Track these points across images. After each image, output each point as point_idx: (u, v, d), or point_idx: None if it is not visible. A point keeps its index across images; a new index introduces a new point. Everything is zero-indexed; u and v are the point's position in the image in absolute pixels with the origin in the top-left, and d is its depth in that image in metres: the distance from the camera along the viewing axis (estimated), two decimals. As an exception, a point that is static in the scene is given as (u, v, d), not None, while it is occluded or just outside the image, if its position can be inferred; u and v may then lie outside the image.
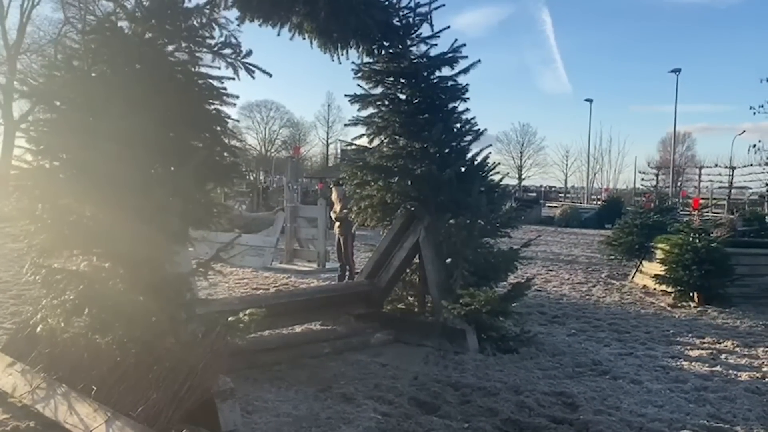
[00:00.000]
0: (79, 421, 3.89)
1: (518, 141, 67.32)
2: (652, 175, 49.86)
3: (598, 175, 58.48)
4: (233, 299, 7.43)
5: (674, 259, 9.98)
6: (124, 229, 4.06)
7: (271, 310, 5.92)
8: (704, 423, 4.64)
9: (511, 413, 4.65)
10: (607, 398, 5.16)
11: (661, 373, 6.01)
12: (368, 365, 5.89)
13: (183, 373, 3.87)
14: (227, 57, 4.63)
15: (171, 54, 4.54)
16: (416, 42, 7.05)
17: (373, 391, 5.08)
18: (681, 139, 53.77)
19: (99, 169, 4.10)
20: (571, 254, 17.42)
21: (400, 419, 4.47)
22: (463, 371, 5.74)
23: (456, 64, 7.04)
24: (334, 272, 11.40)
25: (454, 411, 4.70)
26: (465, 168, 7.14)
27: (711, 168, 43.45)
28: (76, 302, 4.12)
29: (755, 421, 4.76)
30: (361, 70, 7.18)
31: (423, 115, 7.06)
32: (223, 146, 4.59)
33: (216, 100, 4.54)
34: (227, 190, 5.04)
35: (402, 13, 6.90)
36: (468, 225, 6.92)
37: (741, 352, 6.94)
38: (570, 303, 9.83)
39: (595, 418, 4.59)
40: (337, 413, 4.57)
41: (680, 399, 5.23)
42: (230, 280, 10.83)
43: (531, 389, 5.25)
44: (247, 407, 4.58)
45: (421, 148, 7.03)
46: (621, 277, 12.74)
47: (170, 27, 4.54)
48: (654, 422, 4.61)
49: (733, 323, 8.53)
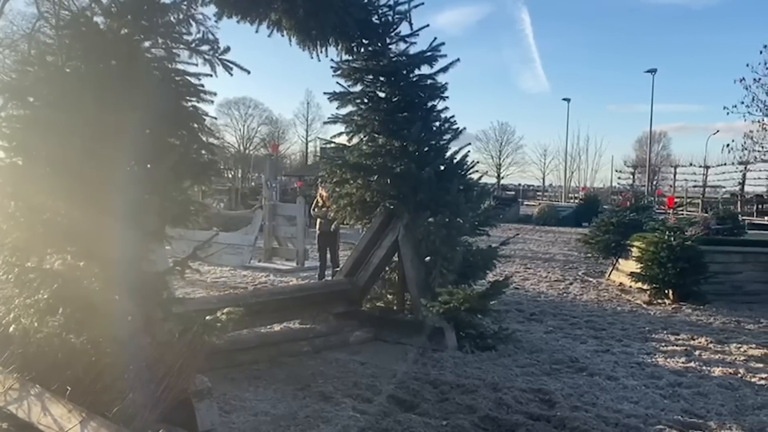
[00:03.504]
0: (53, 421, 3.82)
1: (497, 140, 67.70)
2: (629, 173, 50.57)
3: (576, 173, 59.01)
4: (211, 298, 7.37)
5: (650, 257, 10.11)
6: (99, 228, 3.99)
7: (249, 309, 5.87)
8: (678, 418, 4.72)
9: (489, 410, 4.67)
10: (583, 395, 5.21)
11: (636, 369, 6.09)
12: (347, 364, 5.89)
13: (159, 372, 3.82)
14: (205, 53, 4.57)
15: (147, 50, 4.47)
16: (395, 40, 7.05)
17: (351, 390, 5.08)
18: (657, 138, 54.49)
19: (73, 166, 4.03)
20: (549, 252, 17.57)
21: (378, 417, 4.47)
22: (441, 369, 5.77)
23: (435, 62, 7.06)
24: (314, 271, 11.36)
25: (432, 408, 4.72)
26: (444, 166, 7.16)
27: (686, 167, 44.10)
28: (50, 301, 4.05)
29: (728, 416, 4.85)
30: (340, 67, 7.17)
31: (402, 113, 7.07)
32: (201, 144, 4.53)
33: (193, 97, 4.47)
34: (204, 188, 4.98)
35: (381, 11, 6.90)
36: (447, 223, 6.94)
37: (714, 348, 7.06)
38: (547, 300, 9.92)
39: (571, 415, 4.63)
40: (316, 412, 4.56)
41: (655, 395, 5.31)
42: (208, 278, 10.75)
43: (509, 386, 5.29)
44: (225, 406, 4.55)
45: (401, 147, 7.04)
46: (598, 274, 12.88)
47: (146, 23, 4.47)
48: (629, 418, 4.67)
49: (706, 320, 8.68)
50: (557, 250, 18.11)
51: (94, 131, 4.04)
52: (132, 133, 4.20)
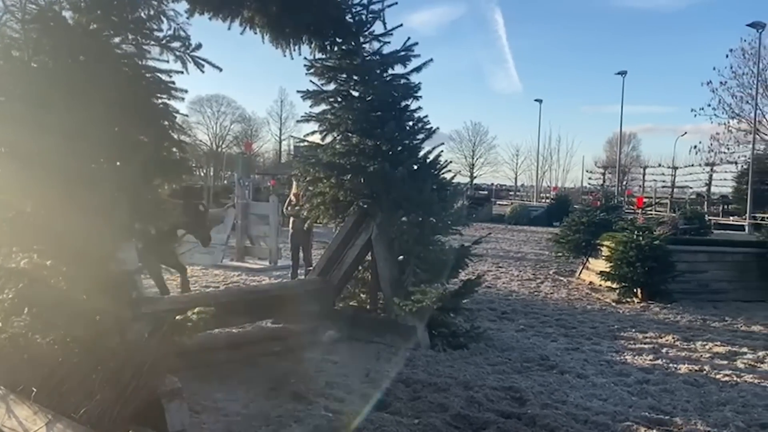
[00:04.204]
0: (18, 424, 3.74)
1: (470, 140, 68.04)
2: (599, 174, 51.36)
3: (548, 173, 59.64)
4: (181, 297, 7.28)
5: (619, 256, 10.28)
6: (66, 226, 3.93)
7: (221, 309, 5.82)
8: (645, 415, 4.80)
9: (461, 408, 4.71)
10: (554, 392, 5.27)
11: (605, 367, 6.19)
12: (320, 363, 5.87)
13: (128, 373, 3.77)
14: (176, 50, 4.53)
15: (117, 46, 4.41)
16: (369, 39, 7.04)
17: (324, 389, 5.07)
18: (627, 139, 55.23)
19: (40, 163, 3.96)
20: (521, 251, 17.74)
21: (351, 417, 4.47)
22: (414, 367, 5.79)
23: (408, 62, 7.07)
24: (286, 270, 11.30)
25: (404, 407, 4.73)
26: (417, 166, 7.18)
27: (655, 168, 44.96)
28: (16, 301, 3.96)
29: (693, 412, 4.95)
30: (313, 66, 7.14)
31: (376, 112, 7.06)
32: (171, 141, 4.49)
33: (164, 94, 4.43)
34: (175, 186, 4.93)
35: (355, 10, 6.89)
36: (420, 223, 6.96)
37: (681, 345, 7.21)
38: (519, 299, 10.01)
39: (542, 412, 4.69)
40: (288, 412, 4.54)
41: (623, 392, 5.40)
42: (179, 277, 10.60)
43: (480, 384, 5.33)
44: (196, 407, 4.50)
45: (374, 146, 7.04)
46: (568, 273, 13.05)
47: (116, 18, 4.41)
48: (598, 415, 4.74)
49: (673, 318, 8.85)
50: (529, 249, 18.29)
51: (61, 128, 3.97)
52: (101, 130, 4.14)
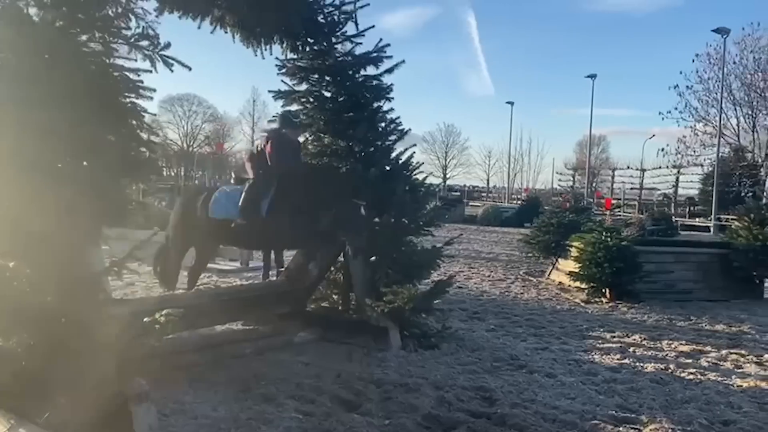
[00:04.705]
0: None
1: (443, 141, 68.51)
2: (569, 176, 52.05)
3: (519, 175, 60.30)
4: (150, 299, 7.19)
5: (587, 256, 10.43)
6: (30, 227, 3.85)
7: (190, 311, 5.77)
8: (612, 413, 4.88)
9: (431, 408, 4.73)
10: (523, 392, 5.33)
11: (574, 366, 6.27)
12: (291, 365, 5.84)
13: (94, 376, 3.71)
14: (144, 49, 4.46)
15: (84, 44, 4.33)
16: (341, 40, 7.02)
17: (294, 391, 5.05)
18: (596, 141, 56.11)
19: (2, 162, 3.87)
20: (492, 252, 17.89)
21: (321, 418, 4.46)
22: (385, 368, 5.79)
23: (381, 63, 7.07)
24: (258, 271, 11.22)
25: (375, 408, 4.74)
26: (390, 167, 7.18)
27: (623, 170, 45.75)
28: (-23, 304, 3.87)
29: (659, 410, 5.04)
30: (285, 66, 7.10)
31: (348, 113, 7.06)
32: (139, 141, 4.42)
33: (132, 93, 4.35)
34: (143, 186, 4.87)
35: (327, 11, 6.86)
36: (392, 224, 6.98)
37: (647, 345, 7.34)
38: (490, 299, 10.10)
39: (511, 412, 4.73)
40: (258, 414, 4.51)
41: (591, 391, 5.47)
42: (148, 279, 10.45)
43: (451, 384, 5.36)
44: (164, 410, 4.44)
45: (346, 147, 7.04)
46: (538, 274, 13.19)
47: (83, 16, 4.33)
48: (566, 414, 4.80)
49: (641, 318, 9.01)
50: (500, 250, 18.45)
51: (25, 126, 3.89)
52: (66, 130, 4.07)
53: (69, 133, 4.07)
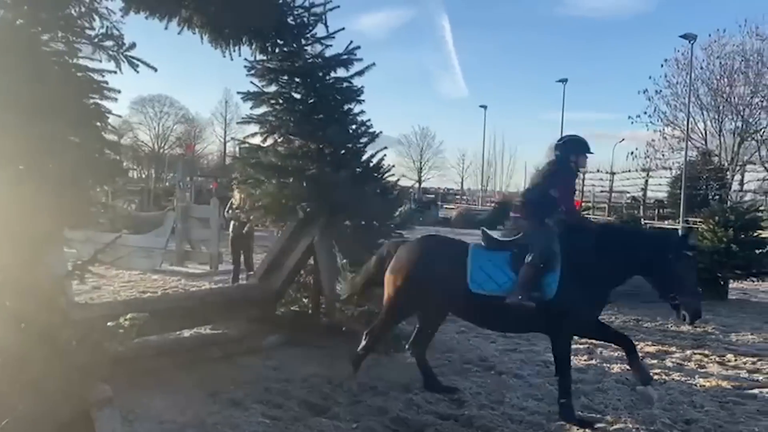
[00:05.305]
0: (-66, 438, 3.57)
1: (418, 144, 68.54)
2: (541, 179, 52.47)
3: (492, 178, 60.70)
4: (116, 303, 7.08)
5: (557, 259, 10.51)
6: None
7: (158, 315, 5.69)
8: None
9: (400, 411, 4.74)
10: (491, 393, 5.37)
11: (542, 367, 6.33)
12: (259, 369, 5.81)
13: (56, 382, 3.64)
14: (109, 49, 4.40)
15: (45, 44, 4.26)
16: (311, 42, 7.02)
17: (262, 395, 5.02)
18: (568, 145, 56.57)
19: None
20: (465, 254, 17.97)
21: (288, 423, 4.45)
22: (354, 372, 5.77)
23: (351, 65, 7.08)
24: (227, 274, 11.12)
25: (344, 412, 4.73)
26: (360, 170, 7.19)
27: (594, 173, 46.19)
28: (-67, 310, 3.77)
29: (624, 410, 5.12)
30: (254, 67, 7.07)
31: (318, 115, 7.04)
32: (104, 143, 4.36)
33: (96, 94, 4.29)
34: (107, 187, 4.80)
35: (297, 12, 6.86)
36: (363, 226, 6.98)
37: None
38: (461, 302, 10.13)
39: (479, 413, 4.77)
40: (225, 418, 4.48)
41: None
42: (115, 282, 10.33)
43: (420, 387, 5.37)
44: (129, 415, 4.38)
45: (317, 149, 7.02)
46: (510, 276, 13.29)
47: (45, 15, 4.25)
48: (533, 415, 4.85)
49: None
50: (472, 253, 18.55)
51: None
52: (28, 130, 3.99)
53: (30, 133, 3.99)
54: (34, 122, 4.04)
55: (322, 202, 6.97)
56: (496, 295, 4.83)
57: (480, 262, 4.96)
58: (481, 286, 4.89)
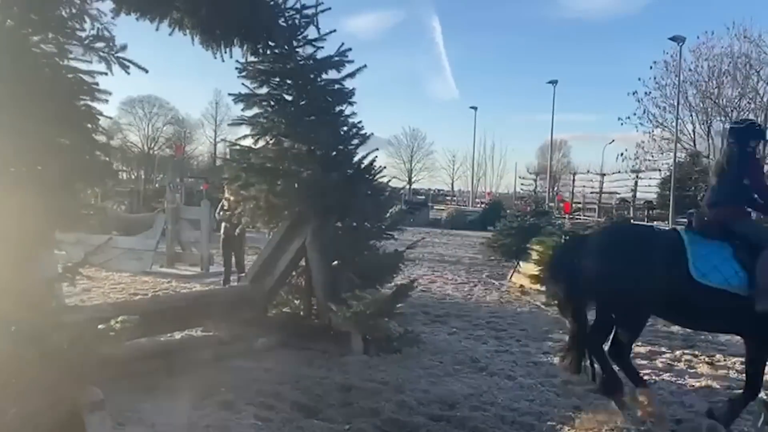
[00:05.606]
0: (-77, 442, 3.54)
1: (408, 145, 68.58)
2: (531, 180, 52.71)
3: (483, 179, 60.84)
4: (105, 306, 7.02)
5: (548, 259, 10.56)
6: (-22, 232, 3.74)
7: (148, 317, 5.66)
8: (570, 414, 4.96)
9: (392, 413, 4.74)
10: (483, 394, 5.38)
11: (533, 368, 6.35)
12: (251, 371, 5.79)
13: (46, 385, 3.62)
14: (100, 51, 4.40)
15: (36, 45, 4.24)
16: (303, 44, 7.01)
17: (254, 397, 5.00)
18: (558, 146, 56.88)
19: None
20: (456, 255, 18.02)
21: (280, 424, 4.44)
22: (347, 373, 5.78)
23: (342, 67, 7.08)
24: (218, 276, 11.10)
25: (336, 413, 4.73)
26: (352, 171, 7.19)
27: (584, 174, 46.45)
28: None
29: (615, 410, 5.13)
30: (245, 69, 7.05)
31: (309, 117, 7.04)
32: (94, 145, 4.35)
33: (86, 95, 4.29)
34: (98, 189, 4.78)
35: (288, 14, 6.85)
36: (354, 228, 6.98)
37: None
38: (452, 302, 10.17)
39: (471, 414, 4.78)
40: (216, 421, 4.47)
41: (550, 393, 5.55)
42: (105, 285, 10.27)
43: (412, 388, 5.38)
44: (119, 418, 4.35)
45: (308, 151, 7.01)
46: (500, 277, 13.33)
47: (36, 16, 4.24)
48: (525, 416, 4.86)
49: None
50: (463, 253, 18.59)
51: (-27, 129, 3.79)
52: (18, 132, 3.97)
53: (21, 136, 3.97)
54: (25, 124, 4.03)
55: (313, 204, 6.96)
56: (724, 290, 4.40)
57: (705, 253, 4.52)
58: (708, 277, 4.44)
